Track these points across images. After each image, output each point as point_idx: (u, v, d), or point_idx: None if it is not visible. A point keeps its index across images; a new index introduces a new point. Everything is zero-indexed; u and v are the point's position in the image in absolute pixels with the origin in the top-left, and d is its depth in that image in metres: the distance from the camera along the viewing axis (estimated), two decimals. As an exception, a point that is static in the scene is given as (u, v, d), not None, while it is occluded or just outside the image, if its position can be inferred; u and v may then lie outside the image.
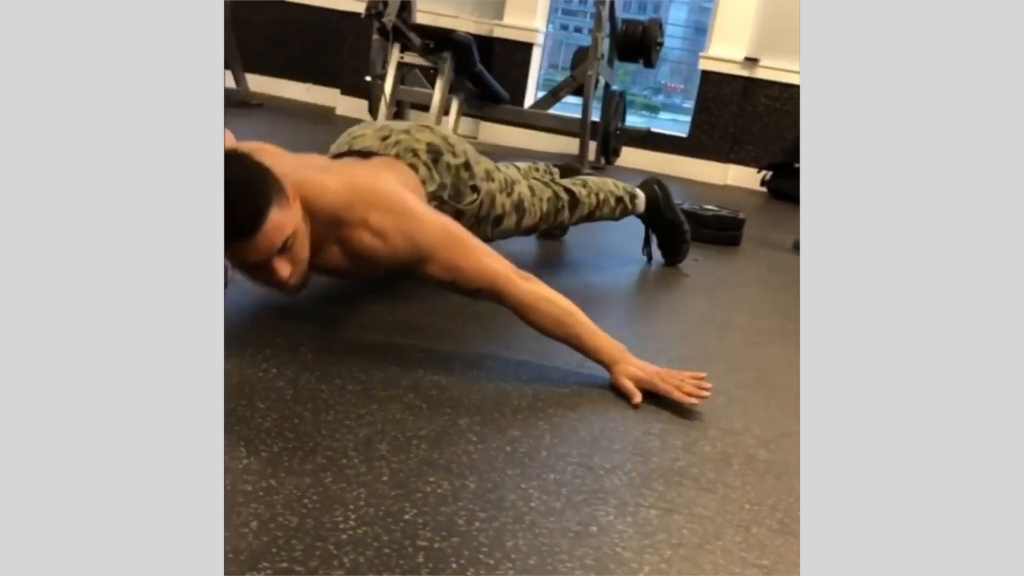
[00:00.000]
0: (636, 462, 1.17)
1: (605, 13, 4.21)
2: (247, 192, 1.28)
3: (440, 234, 1.42)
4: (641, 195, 2.33)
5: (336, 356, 1.39)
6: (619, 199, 2.25)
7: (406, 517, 0.95)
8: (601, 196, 2.19)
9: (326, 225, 1.41)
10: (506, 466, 1.10)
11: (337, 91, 5.68)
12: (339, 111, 5.60)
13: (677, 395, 1.37)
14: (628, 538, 0.97)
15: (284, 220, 1.31)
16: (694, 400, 1.37)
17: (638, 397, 1.37)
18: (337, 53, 5.69)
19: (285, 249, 1.33)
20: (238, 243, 1.29)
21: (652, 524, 1.01)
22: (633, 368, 1.42)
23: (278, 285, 1.38)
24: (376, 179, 1.48)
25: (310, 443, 1.08)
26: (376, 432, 1.14)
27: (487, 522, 0.96)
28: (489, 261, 1.43)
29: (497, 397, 1.33)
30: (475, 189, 1.77)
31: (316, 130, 4.63)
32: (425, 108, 4.39)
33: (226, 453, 1.02)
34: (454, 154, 1.74)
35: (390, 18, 3.22)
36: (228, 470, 0.98)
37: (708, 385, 1.41)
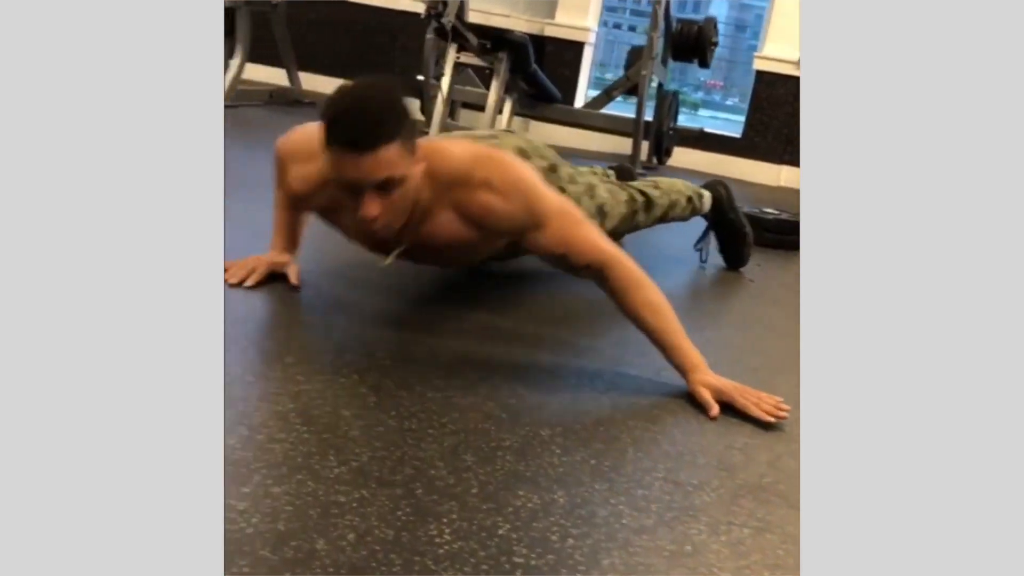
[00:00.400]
0: (723, 478, 1.15)
1: (660, 12, 4.17)
2: (383, 111, 1.26)
3: (558, 205, 1.45)
4: (707, 194, 2.31)
5: (413, 362, 1.39)
6: (689, 199, 2.23)
7: (500, 532, 0.94)
8: (673, 196, 2.17)
9: (445, 187, 1.42)
10: (593, 480, 1.09)
11: (388, 89, 5.69)
12: (389, 109, 5.62)
13: (756, 411, 1.35)
14: (724, 558, 0.96)
15: (399, 160, 1.28)
16: (771, 418, 1.35)
17: (716, 409, 1.35)
18: (389, 52, 5.71)
19: (384, 188, 1.30)
20: (344, 152, 1.25)
21: (746, 544, 0.99)
22: (712, 379, 1.40)
23: (359, 220, 1.33)
24: (496, 150, 1.49)
25: (397, 452, 1.08)
26: (460, 442, 1.13)
27: (580, 539, 0.95)
28: (601, 240, 1.45)
29: (576, 407, 1.31)
30: (562, 191, 1.77)
31: (368, 128, 4.64)
32: (477, 107, 4.38)
33: (317, 462, 1.02)
34: (541, 157, 1.75)
35: (450, 19, 3.22)
36: (321, 479, 0.98)
37: (787, 407, 1.38)
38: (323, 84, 5.83)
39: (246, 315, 1.46)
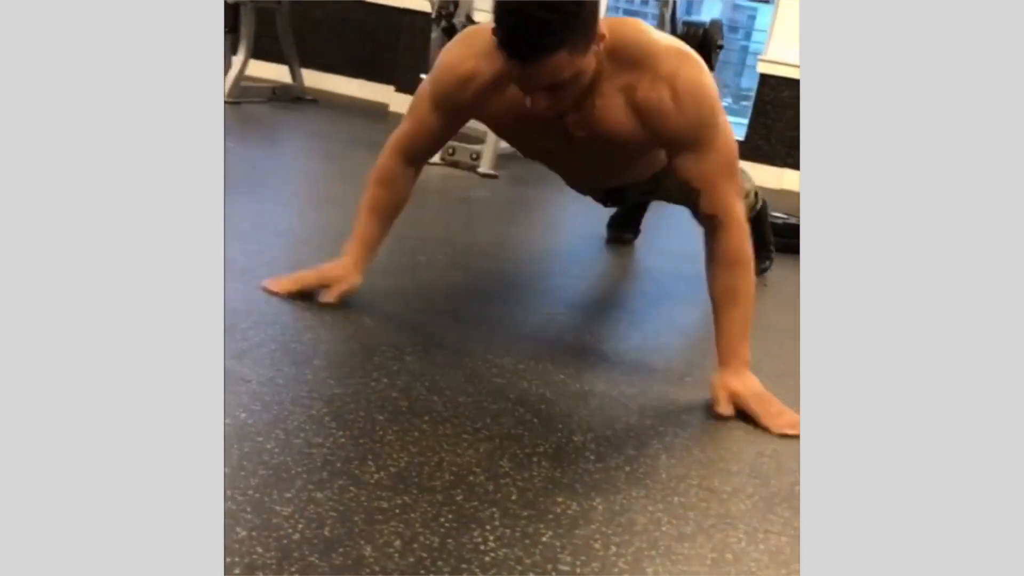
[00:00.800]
0: (756, 485, 1.15)
1: (668, 15, 4.16)
2: (550, 17, 1.18)
3: (725, 141, 1.39)
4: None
5: (441, 366, 1.39)
6: (755, 194, 2.25)
7: (543, 539, 0.94)
8: (748, 186, 2.15)
9: (627, 65, 1.34)
10: (629, 487, 1.09)
11: (391, 88, 5.69)
12: (393, 108, 5.61)
13: (763, 420, 1.33)
14: (765, 566, 0.96)
15: (566, 64, 1.22)
16: (782, 431, 1.32)
17: (723, 410, 1.35)
18: (392, 50, 5.70)
19: (552, 88, 1.26)
20: (507, 56, 1.22)
21: (785, 552, 1.00)
22: (734, 381, 1.39)
23: (526, 101, 1.30)
24: (694, 53, 1.42)
25: (435, 458, 1.08)
26: (495, 447, 1.13)
27: (623, 547, 0.95)
28: (738, 202, 1.42)
29: (605, 413, 1.31)
30: None
31: (373, 127, 4.64)
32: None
33: (356, 467, 1.02)
34: None
35: (460, 19, 3.22)
36: (362, 484, 0.98)
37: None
38: (326, 82, 5.82)
39: (272, 318, 1.46)
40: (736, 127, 5.19)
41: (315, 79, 5.65)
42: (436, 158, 3.67)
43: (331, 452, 1.05)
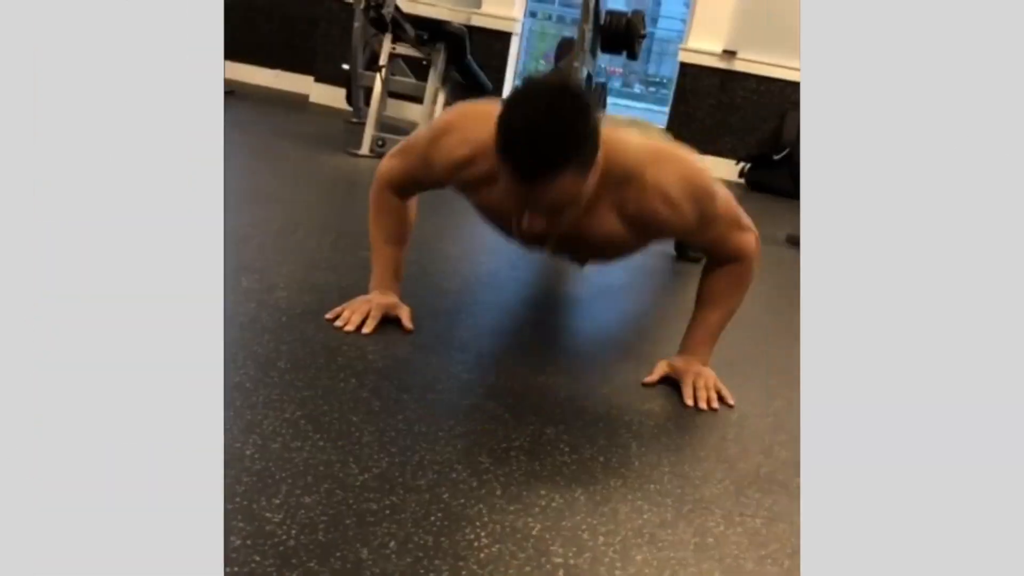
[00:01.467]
0: (724, 470, 1.19)
1: (591, 4, 4.20)
2: (557, 139, 1.13)
3: (724, 207, 1.39)
4: None
5: (404, 362, 1.38)
6: None
7: (534, 533, 0.95)
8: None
9: (614, 182, 1.29)
10: (607, 477, 1.11)
11: (310, 78, 5.59)
12: (313, 99, 5.52)
13: (687, 391, 1.44)
14: (745, 549, 1.00)
15: (569, 188, 1.17)
16: (702, 406, 1.41)
17: (649, 378, 1.48)
18: (310, 39, 5.60)
19: (552, 210, 1.21)
20: (512, 175, 1.16)
21: (762, 534, 1.04)
22: (679, 360, 1.49)
23: (516, 228, 1.26)
24: (676, 146, 1.40)
25: (415, 457, 1.08)
26: (473, 444, 1.14)
27: (610, 536, 0.97)
28: (748, 244, 1.44)
29: (573, 404, 1.34)
30: None
31: (293, 119, 4.56)
32: (405, 97, 4.35)
33: (339, 470, 1.01)
34: None
35: (389, 9, 3.18)
36: (348, 487, 0.98)
37: (731, 403, 1.45)
38: (242, 72, 5.68)
39: (228, 320, 1.43)
40: (645, 113, 5.26)
41: (234, 70, 5.51)
42: (365, 149, 3.64)
43: (311, 456, 1.04)
